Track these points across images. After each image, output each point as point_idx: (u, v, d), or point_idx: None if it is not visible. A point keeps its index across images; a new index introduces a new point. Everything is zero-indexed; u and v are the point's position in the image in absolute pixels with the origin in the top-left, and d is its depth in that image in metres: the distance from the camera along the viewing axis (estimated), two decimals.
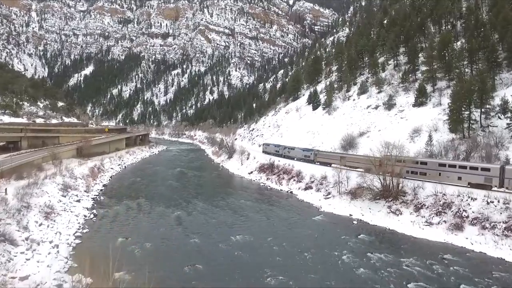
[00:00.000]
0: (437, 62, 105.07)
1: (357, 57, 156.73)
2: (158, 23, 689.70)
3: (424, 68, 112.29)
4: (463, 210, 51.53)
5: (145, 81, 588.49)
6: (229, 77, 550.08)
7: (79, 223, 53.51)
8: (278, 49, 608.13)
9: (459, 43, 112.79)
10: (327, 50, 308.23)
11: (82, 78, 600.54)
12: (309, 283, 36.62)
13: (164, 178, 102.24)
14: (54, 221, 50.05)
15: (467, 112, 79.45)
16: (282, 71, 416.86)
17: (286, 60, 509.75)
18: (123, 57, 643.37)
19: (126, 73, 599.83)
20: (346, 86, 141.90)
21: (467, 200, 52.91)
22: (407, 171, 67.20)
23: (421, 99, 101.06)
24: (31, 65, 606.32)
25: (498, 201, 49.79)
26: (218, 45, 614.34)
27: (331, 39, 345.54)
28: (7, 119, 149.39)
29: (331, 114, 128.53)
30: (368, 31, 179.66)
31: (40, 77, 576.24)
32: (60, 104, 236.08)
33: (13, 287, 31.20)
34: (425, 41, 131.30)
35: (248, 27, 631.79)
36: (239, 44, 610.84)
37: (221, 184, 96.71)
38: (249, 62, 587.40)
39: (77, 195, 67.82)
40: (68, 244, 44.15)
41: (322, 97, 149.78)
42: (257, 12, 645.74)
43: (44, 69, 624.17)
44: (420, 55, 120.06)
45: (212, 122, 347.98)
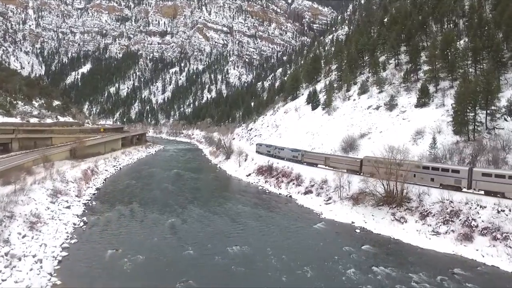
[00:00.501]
0: (439, 61, 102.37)
1: (357, 56, 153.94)
2: (156, 21, 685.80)
3: (426, 67, 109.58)
4: (472, 219, 48.92)
5: (142, 80, 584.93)
6: (227, 76, 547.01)
7: (67, 232, 50.71)
8: (277, 47, 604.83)
9: (462, 42, 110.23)
10: (326, 48, 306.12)
11: (79, 76, 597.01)
12: None
13: (159, 180, 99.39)
14: (40, 231, 47.19)
15: (471, 113, 76.87)
16: (280, 69, 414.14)
17: (285, 58, 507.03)
18: (121, 55, 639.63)
19: (124, 71, 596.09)
20: (346, 86, 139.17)
21: (475, 208, 50.32)
22: (385, 172, 65.76)
23: (423, 100, 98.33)
24: (28, 63, 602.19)
25: (510, 210, 47.23)
26: (216, 43, 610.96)
27: (330, 37, 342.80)
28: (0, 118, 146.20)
29: (331, 115, 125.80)
30: (368, 30, 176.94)
31: (37, 75, 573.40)
32: (56, 103, 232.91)
33: None
34: (426, 40, 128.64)
35: (246, 25, 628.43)
36: (237, 42, 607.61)
37: (218, 188, 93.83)
38: (247, 60, 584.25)
39: (67, 200, 64.92)
40: (53, 257, 41.34)
41: (322, 97, 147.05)
42: (255, 10, 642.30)
43: (41, 67, 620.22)
44: (422, 54, 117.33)
45: (210, 121, 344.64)
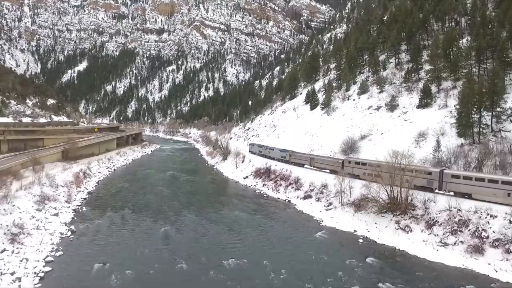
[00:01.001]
0: (442, 61, 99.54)
1: (356, 54, 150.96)
2: (153, 18, 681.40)
3: (428, 67, 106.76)
4: (482, 230, 46.19)
5: (139, 78, 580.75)
6: (224, 74, 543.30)
7: (53, 243, 47.71)
8: (274, 45, 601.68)
9: (464, 40, 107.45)
10: (324, 47, 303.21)
11: (75, 74, 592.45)
12: None
13: (154, 183, 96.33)
14: (22, 244, 44.23)
15: (477, 115, 74.11)
16: (278, 67, 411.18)
17: (283, 56, 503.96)
18: (117, 53, 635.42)
19: (120, 69, 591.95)
20: (346, 85, 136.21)
21: (485, 217, 47.60)
22: (370, 174, 68.74)
23: (425, 100, 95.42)
24: (24, 60, 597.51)
25: None
26: (214, 41, 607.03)
27: (328, 35, 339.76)
28: None
29: (330, 115, 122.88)
30: (368, 28, 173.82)
31: (33, 73, 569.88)
32: (51, 102, 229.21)
33: None
34: (427, 39, 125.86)
35: (244, 23, 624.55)
36: (235, 40, 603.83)
37: (215, 192, 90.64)
38: (245, 58, 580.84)
39: (55, 207, 61.86)
40: (34, 274, 38.35)
41: (320, 96, 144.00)
42: (253, 7, 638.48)
43: (37, 65, 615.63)
44: (423, 53, 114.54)
45: (207, 119, 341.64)
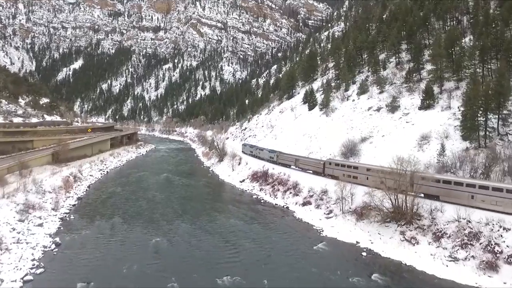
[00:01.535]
0: (444, 60, 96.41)
1: (355, 53, 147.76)
2: (149, 16, 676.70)
3: (429, 67, 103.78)
4: (495, 244, 43.14)
5: (135, 76, 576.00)
6: (221, 72, 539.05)
7: (34, 259, 44.27)
8: (272, 43, 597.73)
9: (467, 40, 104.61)
10: (322, 45, 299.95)
11: (71, 73, 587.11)
12: None
13: (147, 187, 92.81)
14: None
15: (482, 118, 71.04)
16: (275, 66, 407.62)
17: (280, 55, 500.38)
18: (113, 51, 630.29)
19: (116, 68, 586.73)
20: (345, 85, 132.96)
21: (498, 230, 44.59)
22: (348, 175, 73.14)
23: (428, 102, 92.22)
24: (18, 58, 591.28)
25: None
26: (210, 39, 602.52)
27: (325, 34, 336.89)
28: None
29: (329, 116, 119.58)
30: (367, 27, 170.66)
31: (28, 71, 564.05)
32: (45, 101, 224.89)
33: None
34: (428, 38, 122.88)
35: (241, 20, 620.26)
36: (231, 38, 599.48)
37: (210, 197, 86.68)
38: (241, 56, 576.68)
39: (40, 216, 58.37)
40: None
41: (319, 96, 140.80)
42: (250, 5, 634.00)
43: (32, 63, 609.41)
44: (424, 52, 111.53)
45: (204, 118, 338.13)
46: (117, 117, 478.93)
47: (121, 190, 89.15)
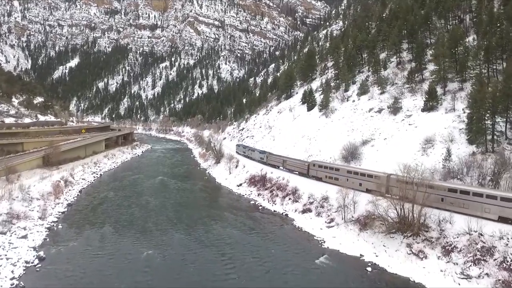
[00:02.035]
0: (447, 60, 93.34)
1: (355, 53, 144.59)
2: (146, 14, 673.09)
3: (432, 67, 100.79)
4: (511, 260, 40.15)
5: (132, 74, 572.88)
6: (218, 71, 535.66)
7: (14, 277, 41.01)
8: (269, 42, 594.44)
9: (470, 39, 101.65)
10: (320, 43, 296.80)
11: (67, 71, 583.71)
12: None
13: (140, 192, 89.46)
14: None
15: (489, 121, 68.03)
16: (273, 65, 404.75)
17: (277, 53, 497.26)
18: (110, 49, 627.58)
19: (113, 66, 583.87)
20: (344, 85, 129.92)
21: None
22: (330, 177, 76.30)
23: (431, 103, 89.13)
24: (14, 56, 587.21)
25: None
26: (208, 38, 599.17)
27: (324, 32, 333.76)
28: None
29: (329, 117, 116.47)
30: (366, 25, 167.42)
31: (23, 69, 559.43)
32: (39, 100, 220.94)
33: None
34: (430, 37, 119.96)
35: (238, 19, 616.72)
36: (229, 36, 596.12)
37: (206, 203, 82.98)
38: (239, 55, 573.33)
39: (25, 227, 55.05)
40: None
41: (318, 97, 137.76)
42: (247, 3, 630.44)
43: (27, 61, 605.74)
44: (426, 52, 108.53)
45: (201, 117, 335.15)
46: (113, 116, 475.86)
47: (114, 195, 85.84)
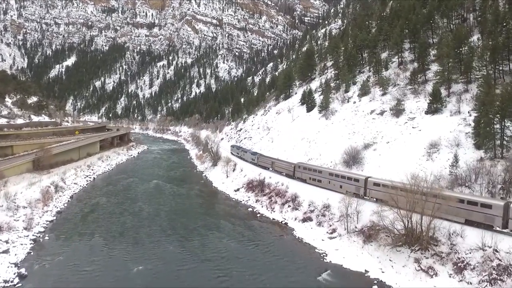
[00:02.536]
0: (451, 61, 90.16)
1: (355, 52, 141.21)
2: (144, 12, 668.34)
3: (435, 67, 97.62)
4: None
5: (129, 73, 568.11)
6: (216, 70, 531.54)
7: None
8: (267, 40, 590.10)
9: (474, 38, 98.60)
10: (319, 42, 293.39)
11: (63, 70, 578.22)
12: None
13: (134, 198, 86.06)
14: None
15: (498, 125, 64.90)
16: (271, 64, 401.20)
17: (276, 52, 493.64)
18: (107, 47, 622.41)
19: (110, 65, 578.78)
20: (345, 86, 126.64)
21: None
22: (313, 179, 78.51)
23: (435, 105, 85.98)
24: (9, 55, 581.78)
25: None
26: (206, 36, 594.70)
27: (322, 31, 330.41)
28: None
29: (329, 119, 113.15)
30: (366, 24, 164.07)
31: (19, 68, 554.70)
32: (34, 99, 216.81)
33: None
34: (432, 36, 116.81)
35: (236, 17, 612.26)
36: (227, 35, 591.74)
37: (203, 210, 79.03)
38: (237, 54, 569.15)
39: (8, 240, 51.67)
40: None
41: (317, 97, 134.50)
42: (245, 2, 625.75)
43: (24, 59, 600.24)
44: (430, 52, 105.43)
45: (199, 117, 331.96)
46: (110, 115, 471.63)
47: (106, 201, 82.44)
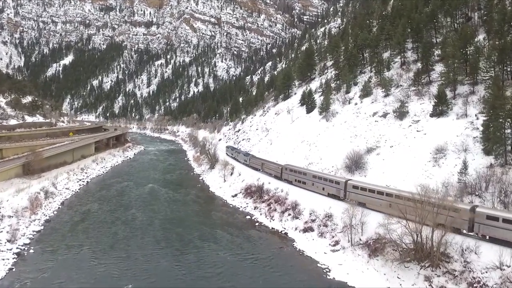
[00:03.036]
0: (457, 62, 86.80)
1: (356, 52, 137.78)
2: (142, 10, 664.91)
3: (439, 68, 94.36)
4: None
5: (127, 72, 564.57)
6: (214, 69, 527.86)
7: None
8: (266, 39, 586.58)
9: (480, 38, 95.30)
10: (318, 41, 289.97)
11: (60, 68, 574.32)
12: None
13: (127, 204, 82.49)
14: None
15: (508, 130, 61.67)
16: (270, 63, 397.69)
17: (274, 51, 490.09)
18: (105, 46, 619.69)
19: (108, 63, 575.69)
20: (346, 87, 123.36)
21: None
22: (299, 180, 79.74)
23: (440, 108, 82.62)
24: (6, 54, 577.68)
25: None
26: (204, 35, 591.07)
27: (322, 30, 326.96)
28: None
29: (330, 121, 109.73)
30: (368, 23, 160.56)
31: (16, 66, 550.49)
32: (29, 99, 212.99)
33: None
34: (436, 36, 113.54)
35: (235, 16, 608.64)
36: (225, 33, 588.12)
37: (199, 219, 74.50)
38: (235, 52, 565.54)
39: None
40: None
41: (317, 98, 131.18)
42: (244, 0, 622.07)
43: (20, 58, 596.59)
44: (433, 51, 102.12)
45: (196, 116, 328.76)
46: (107, 114, 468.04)
47: (98, 208, 78.90)
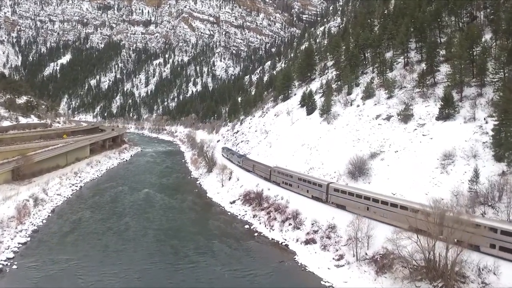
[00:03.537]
0: (463, 62, 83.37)
1: (358, 52, 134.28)
2: (140, 9, 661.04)
3: (444, 69, 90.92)
4: None
5: (125, 71, 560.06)
6: (213, 68, 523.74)
7: None
8: (265, 38, 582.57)
9: (486, 38, 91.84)
10: (318, 41, 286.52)
11: (58, 68, 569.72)
12: None
13: (121, 212, 78.91)
14: None
15: None
16: (269, 62, 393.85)
17: (273, 50, 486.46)
18: (103, 45, 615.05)
19: (105, 63, 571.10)
20: (347, 88, 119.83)
21: None
22: (285, 183, 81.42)
23: (447, 111, 79.12)
24: (3, 53, 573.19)
25: None
26: (202, 34, 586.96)
27: (321, 29, 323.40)
28: None
29: (331, 123, 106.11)
30: (368, 22, 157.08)
31: (13, 66, 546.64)
32: (25, 99, 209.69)
33: None
34: (440, 36, 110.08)
35: (233, 15, 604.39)
36: (224, 33, 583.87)
37: (195, 229, 70.26)
38: (234, 52, 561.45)
39: None
40: None
41: (318, 99, 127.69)
42: None
43: (18, 57, 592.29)
44: (438, 52, 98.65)
45: (195, 116, 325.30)
46: (105, 114, 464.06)
47: (90, 216, 75.32)
